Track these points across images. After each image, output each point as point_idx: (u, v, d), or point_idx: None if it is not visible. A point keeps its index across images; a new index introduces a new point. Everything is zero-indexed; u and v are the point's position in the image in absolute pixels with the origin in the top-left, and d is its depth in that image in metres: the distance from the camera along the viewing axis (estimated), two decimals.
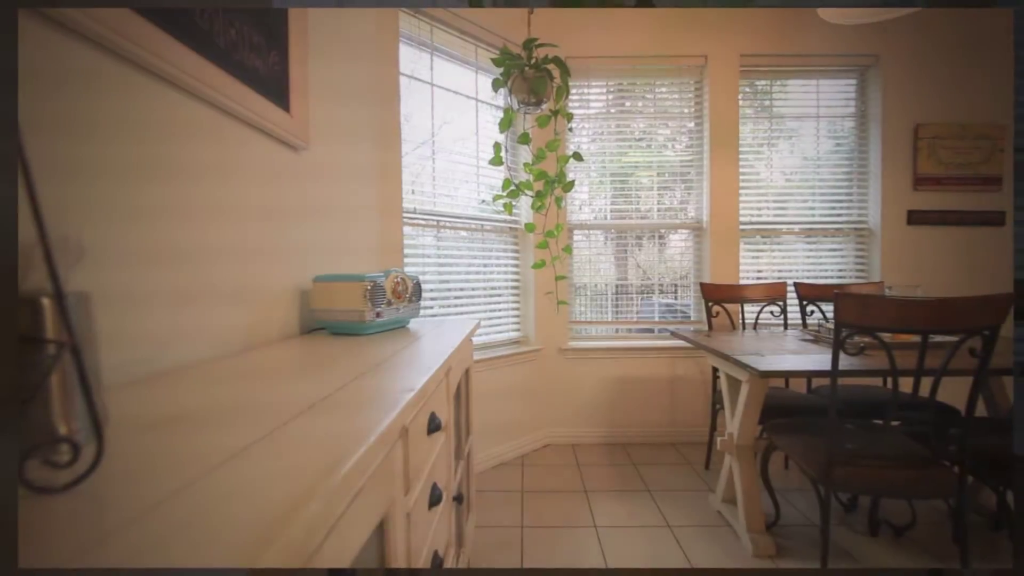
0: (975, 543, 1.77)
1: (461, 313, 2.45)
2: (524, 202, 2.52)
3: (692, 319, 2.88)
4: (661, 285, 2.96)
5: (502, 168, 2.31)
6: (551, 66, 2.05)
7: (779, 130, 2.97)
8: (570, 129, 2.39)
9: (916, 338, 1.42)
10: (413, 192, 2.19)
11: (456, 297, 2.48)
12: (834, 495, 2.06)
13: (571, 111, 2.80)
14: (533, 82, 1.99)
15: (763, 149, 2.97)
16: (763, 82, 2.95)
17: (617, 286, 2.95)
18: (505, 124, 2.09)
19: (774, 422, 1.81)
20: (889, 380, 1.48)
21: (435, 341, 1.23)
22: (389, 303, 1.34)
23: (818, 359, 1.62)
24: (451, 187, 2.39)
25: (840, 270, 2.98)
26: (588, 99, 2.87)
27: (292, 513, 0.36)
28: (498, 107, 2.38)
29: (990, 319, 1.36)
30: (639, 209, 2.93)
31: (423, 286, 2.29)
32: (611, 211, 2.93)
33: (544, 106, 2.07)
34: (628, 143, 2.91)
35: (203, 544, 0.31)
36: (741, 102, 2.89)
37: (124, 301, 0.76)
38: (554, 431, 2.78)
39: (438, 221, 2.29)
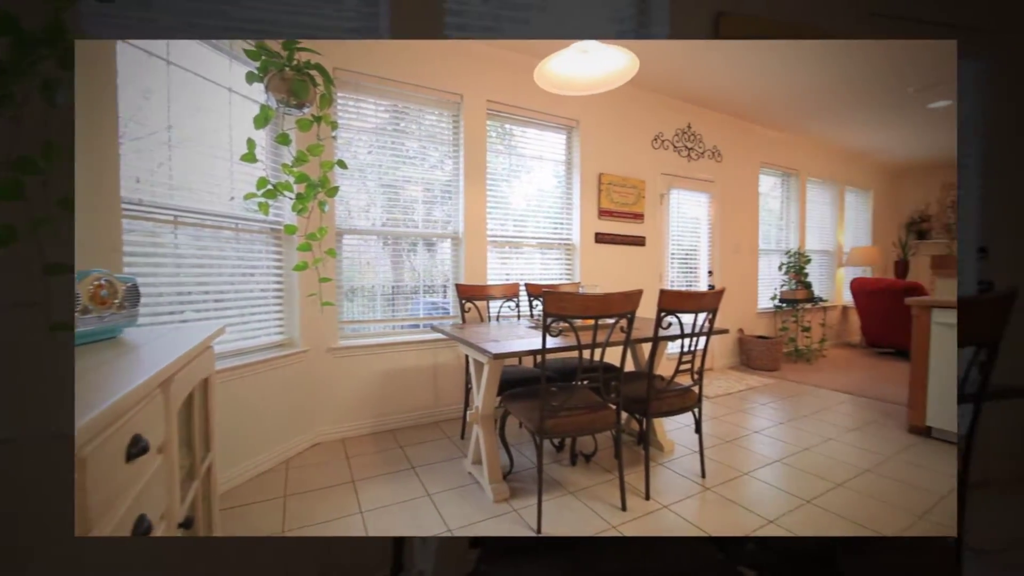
0: (627, 455, 2.38)
1: (219, 318, 2.03)
2: (289, 204, 2.24)
3: (451, 314, 3.05)
4: (432, 286, 3.04)
5: (258, 166, 1.99)
6: (314, 72, 1.87)
7: (520, 165, 3.41)
8: (334, 137, 2.23)
9: (592, 321, 1.82)
10: (139, 181, 1.69)
11: (216, 301, 2.05)
12: (549, 441, 2.47)
13: (343, 121, 2.64)
14: (293, 84, 1.78)
15: (510, 178, 3.35)
16: (509, 125, 3.34)
17: (394, 287, 2.90)
18: (260, 121, 1.81)
19: (508, 393, 2.06)
20: (582, 352, 1.85)
21: (154, 352, 0.97)
22: (87, 311, 1.00)
23: (535, 341, 1.90)
24: (202, 181, 1.95)
25: (559, 274, 3.60)
26: (365, 113, 2.75)
27: None
28: (256, 101, 2.05)
29: (631, 307, 1.82)
30: (413, 219, 2.96)
31: (172, 289, 1.82)
32: (387, 219, 2.87)
33: (306, 110, 1.87)
34: (403, 159, 2.90)
35: None
36: (494, 139, 3.20)
37: None
38: (323, 429, 2.55)
39: (176, 216, 1.83)
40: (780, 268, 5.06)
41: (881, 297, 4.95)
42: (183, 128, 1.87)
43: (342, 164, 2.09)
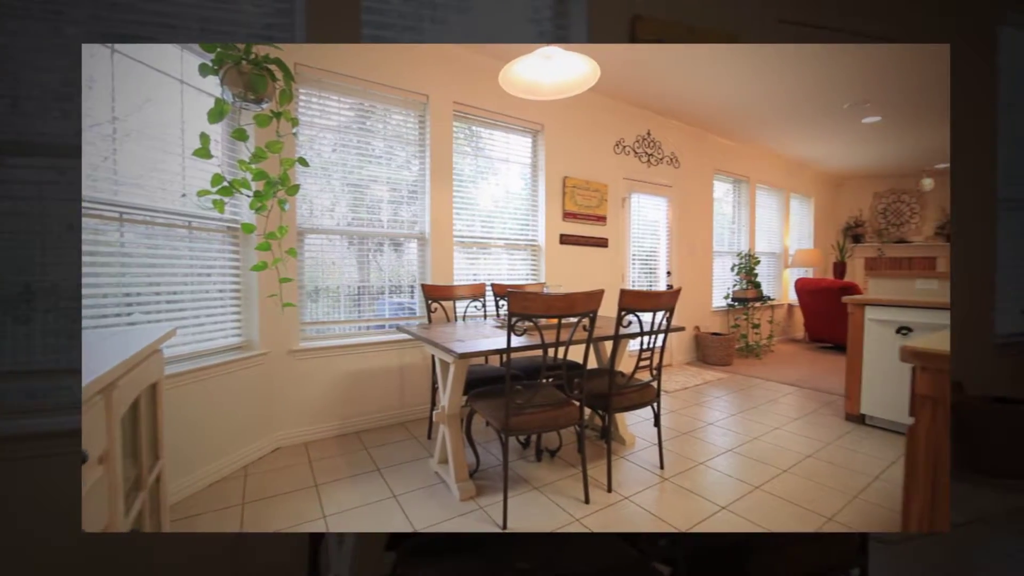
0: (590, 449, 2.42)
1: (171, 321, 1.92)
2: (247, 202, 2.14)
3: (418, 315, 3.01)
4: (399, 286, 2.99)
5: (214, 162, 1.89)
6: (273, 67, 1.80)
7: (488, 167, 3.40)
8: (294, 134, 2.15)
9: (556, 320, 1.84)
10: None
11: (168, 302, 1.93)
12: (515, 438, 2.48)
13: (306, 118, 2.55)
14: (251, 78, 1.69)
15: (477, 180, 3.34)
16: (476, 127, 3.32)
17: (359, 287, 2.83)
18: (215, 115, 1.72)
19: (474, 391, 2.05)
20: (546, 350, 1.86)
21: (95, 356, 0.90)
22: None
23: (500, 341, 1.91)
24: (151, 177, 1.83)
25: (526, 274, 3.62)
26: (328, 111, 2.66)
27: None
28: (210, 94, 1.94)
29: (593, 306, 1.85)
30: (380, 219, 2.89)
31: (117, 290, 1.70)
32: (352, 219, 2.80)
33: (265, 105, 1.80)
34: (369, 158, 2.83)
35: None
36: (461, 140, 3.18)
37: None
38: (285, 433, 2.45)
39: (121, 213, 1.71)
40: (732, 269, 5.29)
41: (822, 296, 5.28)
42: (130, 120, 1.75)
43: (303, 162, 2.02)
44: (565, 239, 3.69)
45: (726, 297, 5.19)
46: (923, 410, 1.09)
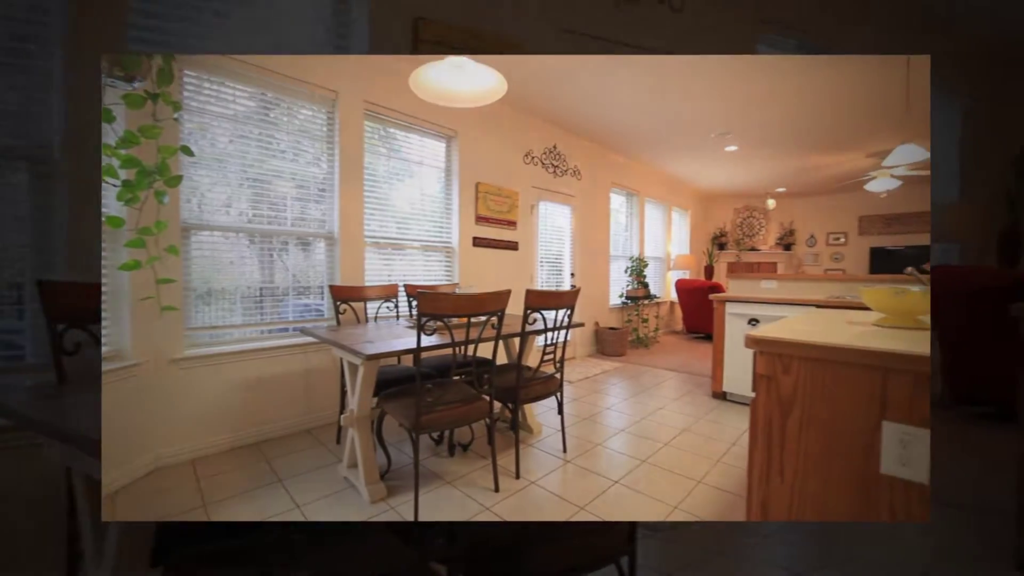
0: (501, 440, 2.44)
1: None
2: (113, 192, 1.79)
3: (327, 317, 2.79)
4: (308, 287, 2.74)
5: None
6: None
7: (404, 169, 3.26)
8: (176, 119, 1.86)
9: (466, 319, 1.82)
10: None
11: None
12: (429, 435, 2.42)
13: (196, 104, 2.22)
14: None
15: (392, 181, 3.19)
16: (392, 128, 3.17)
17: (261, 289, 2.53)
18: None
19: (384, 393, 1.95)
20: (457, 349, 1.83)
21: None
22: None
23: (411, 341, 1.84)
24: None
25: (441, 275, 3.55)
26: (224, 98, 2.34)
27: None
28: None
29: (500, 305, 1.88)
30: (285, 217, 2.61)
31: None
32: (253, 215, 2.49)
33: (137, 84, 1.52)
34: (273, 152, 2.54)
35: None
36: (376, 141, 3.00)
37: None
38: (165, 452, 2.10)
39: None
40: (626, 271, 5.76)
41: (695, 294, 5.97)
42: None
43: (187, 151, 1.75)
44: (478, 241, 3.70)
45: (621, 296, 5.62)
46: (761, 386, 1.28)
